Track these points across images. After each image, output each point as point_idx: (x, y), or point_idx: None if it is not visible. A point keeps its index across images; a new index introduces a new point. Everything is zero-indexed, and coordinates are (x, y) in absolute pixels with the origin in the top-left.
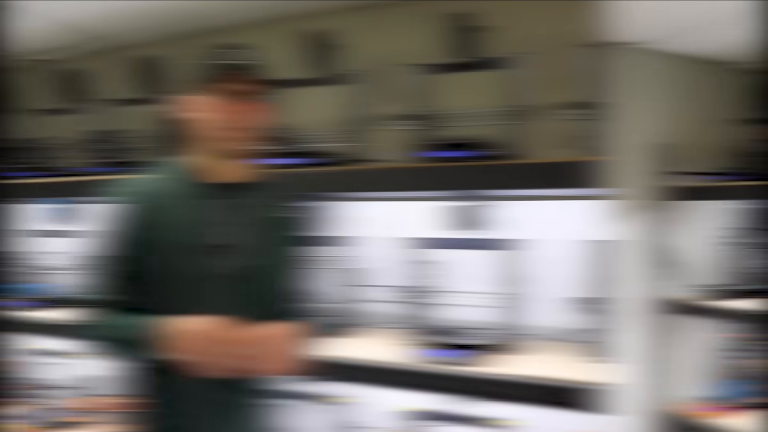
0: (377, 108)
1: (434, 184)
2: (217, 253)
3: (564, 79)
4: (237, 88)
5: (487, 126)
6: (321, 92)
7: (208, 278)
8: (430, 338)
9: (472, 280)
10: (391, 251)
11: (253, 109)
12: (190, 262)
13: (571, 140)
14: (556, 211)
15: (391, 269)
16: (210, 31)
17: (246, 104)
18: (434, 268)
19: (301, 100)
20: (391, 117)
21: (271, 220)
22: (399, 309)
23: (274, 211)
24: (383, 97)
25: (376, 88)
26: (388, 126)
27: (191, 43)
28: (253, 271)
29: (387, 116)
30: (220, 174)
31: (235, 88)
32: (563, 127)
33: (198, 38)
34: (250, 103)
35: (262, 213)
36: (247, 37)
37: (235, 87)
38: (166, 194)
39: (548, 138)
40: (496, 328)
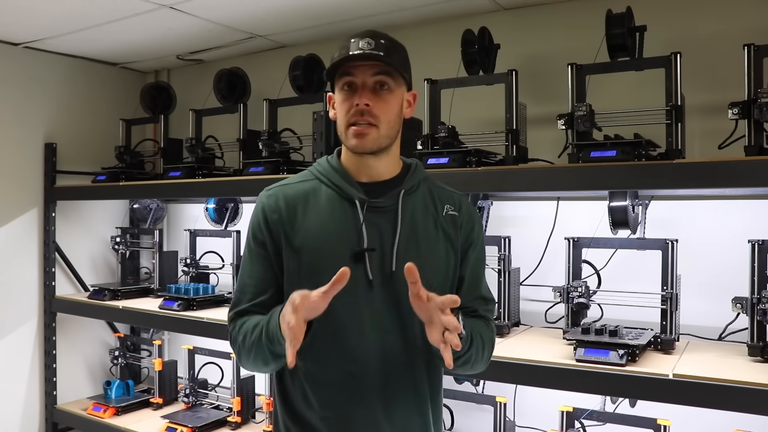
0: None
1: (592, 183)
2: (366, 258)
3: None
4: (352, 81)
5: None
6: (479, 91)
7: (357, 284)
8: (589, 338)
9: (630, 279)
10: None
11: (376, 100)
12: (334, 270)
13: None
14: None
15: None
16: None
17: (366, 96)
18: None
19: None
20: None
21: (426, 221)
22: (557, 308)
23: (429, 211)
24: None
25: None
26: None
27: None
28: (402, 281)
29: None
30: (365, 172)
31: (351, 80)
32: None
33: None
34: (372, 95)
35: (416, 213)
36: (406, 38)
37: (352, 79)
38: (312, 195)
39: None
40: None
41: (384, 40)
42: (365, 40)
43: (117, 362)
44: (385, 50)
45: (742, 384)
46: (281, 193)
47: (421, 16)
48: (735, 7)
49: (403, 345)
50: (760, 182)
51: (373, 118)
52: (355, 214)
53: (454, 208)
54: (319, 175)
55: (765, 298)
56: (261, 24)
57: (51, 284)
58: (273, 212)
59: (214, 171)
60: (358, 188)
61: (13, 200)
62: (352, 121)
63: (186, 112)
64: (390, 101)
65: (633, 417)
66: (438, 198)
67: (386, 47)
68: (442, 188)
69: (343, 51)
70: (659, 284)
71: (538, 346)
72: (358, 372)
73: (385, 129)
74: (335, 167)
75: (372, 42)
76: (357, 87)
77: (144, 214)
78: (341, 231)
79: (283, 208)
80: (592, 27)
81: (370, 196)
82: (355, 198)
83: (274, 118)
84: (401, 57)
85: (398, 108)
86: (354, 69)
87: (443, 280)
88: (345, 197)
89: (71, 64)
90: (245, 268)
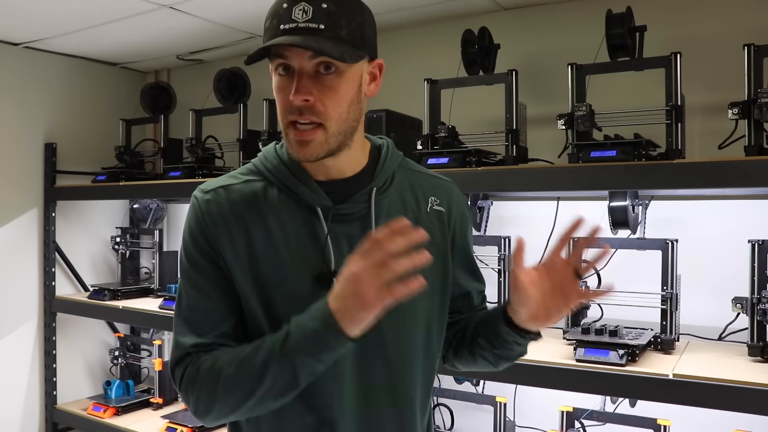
0: (534, 107)
1: (592, 183)
2: (333, 283)
3: None
4: (287, 64)
5: (645, 125)
6: (479, 91)
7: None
8: (589, 338)
9: (630, 279)
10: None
11: (321, 89)
12: (293, 301)
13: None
14: (715, 210)
15: None
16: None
17: (304, 88)
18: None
19: (459, 99)
20: (548, 116)
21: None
22: None
23: (410, 208)
24: (540, 97)
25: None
26: (545, 125)
27: None
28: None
29: (544, 116)
30: (322, 172)
31: (285, 63)
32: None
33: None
34: (314, 82)
35: (393, 216)
36: (406, 38)
37: (285, 62)
38: (261, 201)
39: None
40: (655, 329)
41: (325, 3)
42: (299, 6)
43: (117, 362)
44: (328, 18)
45: (742, 384)
46: (223, 198)
47: (421, 16)
48: (735, 7)
49: (387, 382)
50: (760, 182)
51: (316, 116)
52: (316, 225)
53: (440, 202)
54: (267, 174)
55: (765, 298)
56: (261, 24)
57: (51, 284)
58: (214, 224)
59: (214, 171)
60: (318, 191)
61: (13, 200)
62: (290, 119)
63: (186, 112)
64: (339, 87)
65: (633, 417)
66: (420, 188)
67: (329, 13)
68: (423, 174)
69: (274, 22)
70: (659, 284)
71: (538, 346)
72: (331, 419)
73: (335, 126)
74: (286, 162)
75: (309, 9)
76: (294, 72)
77: (144, 214)
78: (298, 249)
79: (227, 219)
80: (592, 27)
81: (334, 200)
82: (317, 206)
83: (274, 117)
84: (354, 22)
85: (354, 91)
86: (287, 49)
87: (440, 288)
88: (301, 202)
89: (71, 64)
90: (190, 292)
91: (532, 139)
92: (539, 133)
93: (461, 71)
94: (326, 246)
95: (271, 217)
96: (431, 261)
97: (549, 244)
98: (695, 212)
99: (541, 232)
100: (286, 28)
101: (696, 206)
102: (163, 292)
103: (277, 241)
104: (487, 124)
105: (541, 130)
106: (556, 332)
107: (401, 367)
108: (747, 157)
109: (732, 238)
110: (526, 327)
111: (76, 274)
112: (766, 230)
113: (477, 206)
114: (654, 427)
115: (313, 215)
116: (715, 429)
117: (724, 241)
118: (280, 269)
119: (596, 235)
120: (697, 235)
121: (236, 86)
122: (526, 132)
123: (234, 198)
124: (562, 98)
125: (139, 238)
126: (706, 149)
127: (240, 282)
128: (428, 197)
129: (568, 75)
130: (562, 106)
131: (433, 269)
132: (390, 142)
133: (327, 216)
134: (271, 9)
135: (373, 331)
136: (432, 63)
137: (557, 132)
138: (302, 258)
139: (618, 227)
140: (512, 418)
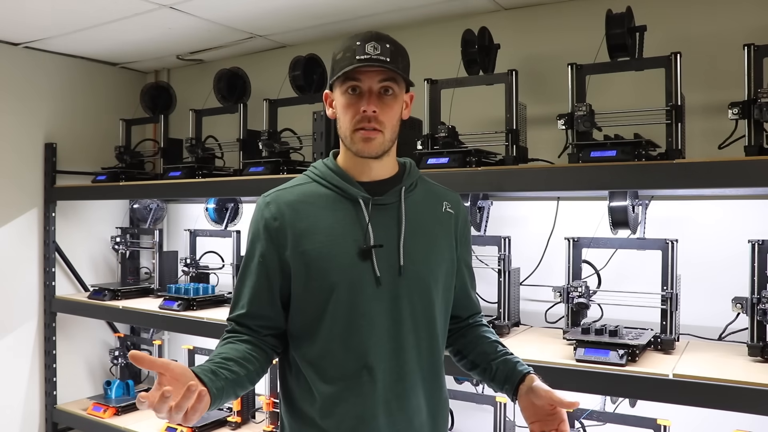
0: (534, 107)
1: (592, 183)
2: (372, 255)
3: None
4: (358, 85)
5: (645, 125)
6: (479, 91)
7: (365, 281)
8: (589, 338)
9: (630, 279)
10: (549, 250)
11: (382, 106)
12: (342, 270)
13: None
14: (715, 210)
15: (549, 268)
16: (371, 29)
17: (373, 103)
18: (593, 267)
19: (459, 99)
20: (548, 116)
21: (427, 216)
22: (557, 308)
23: (429, 207)
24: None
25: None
26: (545, 125)
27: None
28: (410, 275)
29: (544, 116)
30: (366, 173)
31: (357, 85)
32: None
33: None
34: (377, 100)
35: (417, 209)
36: (406, 38)
37: (357, 84)
38: (312, 197)
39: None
40: (655, 329)
41: (389, 44)
42: (371, 44)
43: (117, 362)
44: (391, 55)
45: (742, 384)
46: (280, 199)
47: (421, 16)
48: (735, 7)
49: (414, 339)
50: (760, 182)
51: (379, 124)
52: (358, 213)
53: (451, 206)
54: (317, 178)
55: (765, 298)
56: (261, 24)
57: (51, 284)
58: (273, 220)
59: (214, 171)
60: (359, 188)
61: (13, 200)
62: (358, 126)
63: (186, 112)
64: (394, 106)
65: (633, 417)
66: (435, 195)
67: (391, 52)
68: (437, 186)
69: (348, 54)
70: (659, 284)
71: (538, 346)
72: (371, 365)
73: (389, 134)
74: (333, 169)
75: (378, 47)
76: (363, 92)
77: (144, 214)
78: (346, 230)
79: (284, 214)
80: (592, 27)
81: (372, 195)
82: (359, 197)
83: (274, 118)
84: (405, 61)
85: (400, 111)
86: (360, 74)
87: (448, 273)
88: (347, 197)
89: (71, 64)
90: (243, 275)
91: (532, 139)
92: (539, 133)
93: (461, 71)
94: (367, 228)
95: (323, 208)
96: (429, 261)
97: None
98: (695, 212)
99: (541, 232)
100: (362, 58)
101: (696, 206)
102: (163, 292)
103: (328, 223)
104: (487, 124)
105: (541, 130)
106: (557, 332)
107: (419, 308)
108: (747, 157)
109: (732, 238)
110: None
111: (76, 274)
112: (766, 230)
113: (477, 206)
114: (654, 427)
115: (357, 205)
116: (715, 429)
117: (724, 241)
118: (335, 246)
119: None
120: (697, 235)
121: (236, 86)
122: (526, 132)
123: (289, 198)
124: (562, 98)
125: (139, 238)
126: (706, 149)
127: (297, 258)
128: (442, 201)
129: (568, 75)
130: (562, 106)
131: (444, 256)
132: (412, 160)
133: (367, 206)
134: (343, 45)
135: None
136: (432, 63)
137: (557, 132)
138: (349, 238)
139: (618, 227)
140: (512, 418)
